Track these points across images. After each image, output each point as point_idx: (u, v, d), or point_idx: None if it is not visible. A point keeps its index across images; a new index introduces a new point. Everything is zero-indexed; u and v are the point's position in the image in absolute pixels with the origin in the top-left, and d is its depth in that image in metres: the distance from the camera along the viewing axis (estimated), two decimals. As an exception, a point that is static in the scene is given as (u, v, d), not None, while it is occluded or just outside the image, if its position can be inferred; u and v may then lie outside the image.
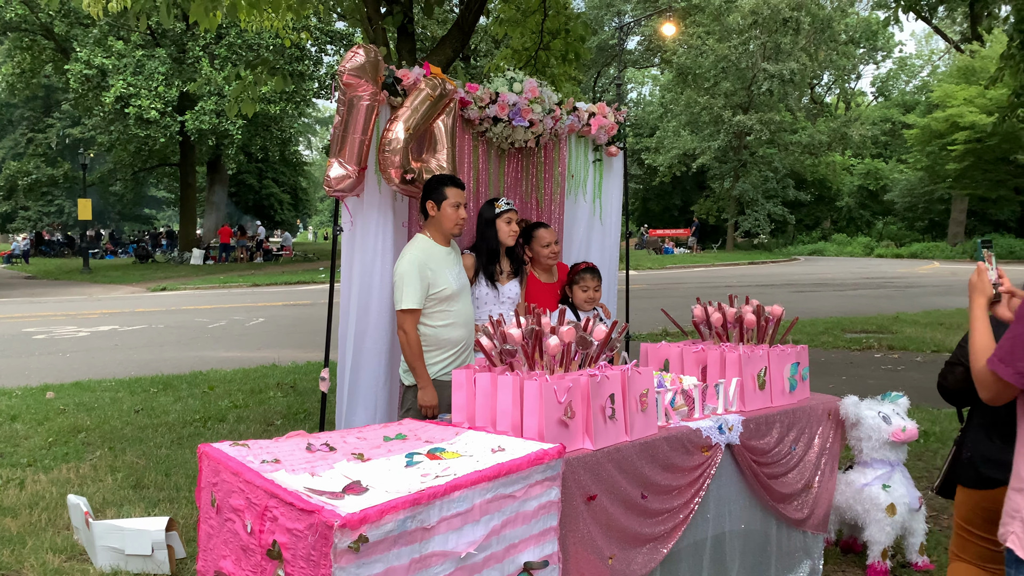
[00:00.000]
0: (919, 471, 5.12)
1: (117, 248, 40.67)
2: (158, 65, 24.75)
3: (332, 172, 3.53)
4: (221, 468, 2.44)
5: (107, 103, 24.42)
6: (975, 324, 2.14)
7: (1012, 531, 2.03)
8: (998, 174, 29.96)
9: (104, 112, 25.98)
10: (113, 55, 24.88)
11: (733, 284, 19.96)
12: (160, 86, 24.55)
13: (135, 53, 24.92)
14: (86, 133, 30.91)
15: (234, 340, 11.83)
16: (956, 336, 10.79)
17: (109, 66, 24.64)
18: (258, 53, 22.86)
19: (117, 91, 24.05)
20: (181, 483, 4.89)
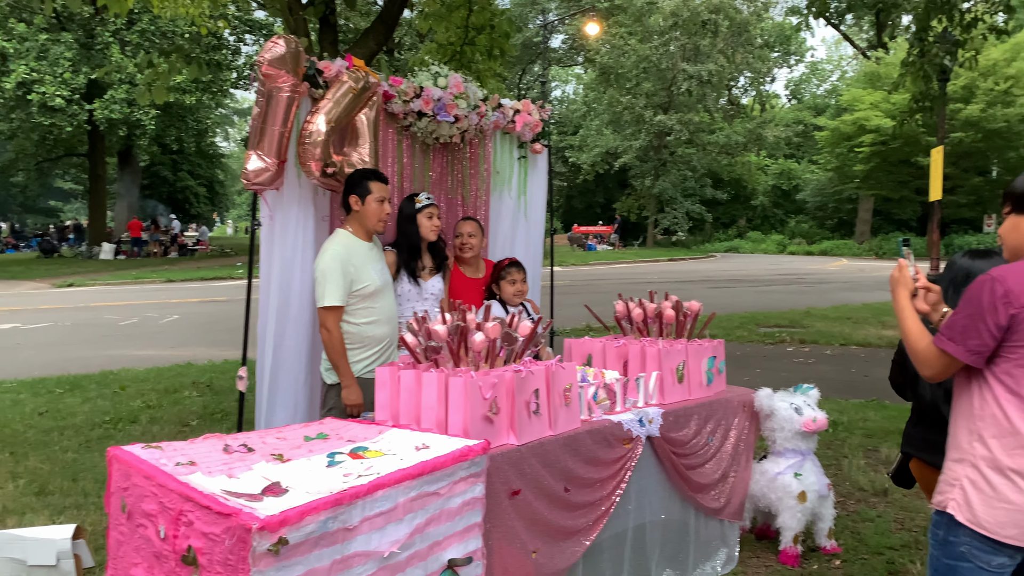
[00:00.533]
0: (828, 459, 5.34)
1: (19, 242, 38.55)
2: (64, 50, 23.55)
3: (250, 165, 3.44)
4: (132, 472, 2.35)
5: (7, 89, 23.09)
6: (904, 313, 2.31)
7: (952, 498, 2.18)
8: (901, 176, 31.48)
9: (4, 98, 24.57)
10: (14, 38, 23.53)
11: (653, 280, 20.38)
12: (66, 72, 23.37)
13: (39, 37, 23.63)
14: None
15: (147, 338, 11.39)
16: (863, 330, 11.31)
17: (10, 50, 23.29)
18: (172, 41, 22.03)
19: (19, 76, 22.77)
20: (89, 488, 4.67)
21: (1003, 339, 2.08)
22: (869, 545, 3.96)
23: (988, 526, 2.09)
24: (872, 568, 3.71)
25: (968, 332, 2.10)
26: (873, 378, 8.25)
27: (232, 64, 26.69)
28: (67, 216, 51.77)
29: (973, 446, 2.14)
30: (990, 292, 2.08)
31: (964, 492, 2.15)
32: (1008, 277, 2.09)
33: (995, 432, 2.10)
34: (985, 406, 2.13)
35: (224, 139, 53.73)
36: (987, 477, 2.11)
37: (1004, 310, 2.05)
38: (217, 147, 43.71)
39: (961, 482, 2.17)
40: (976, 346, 2.09)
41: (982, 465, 2.12)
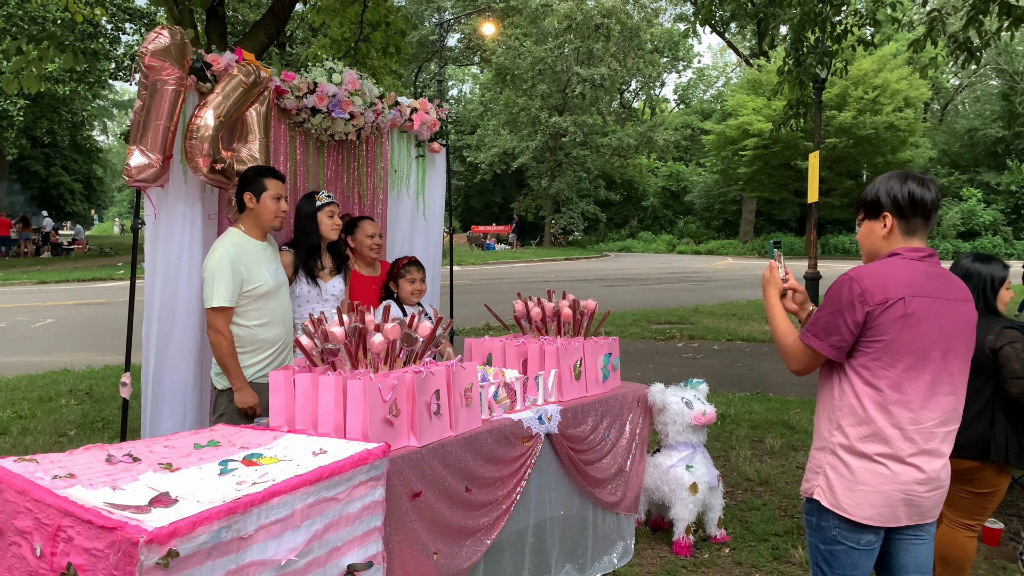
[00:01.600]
0: (717, 451, 5.57)
1: None
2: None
3: (133, 161, 3.27)
4: (3, 487, 2.19)
5: None
6: (773, 311, 2.48)
7: (816, 485, 2.34)
8: (781, 178, 33.19)
9: None
10: None
11: (551, 279, 20.67)
12: (-80, 57, 21.53)
13: None
14: None
15: (17, 344, 10.64)
16: (748, 325, 11.83)
17: None
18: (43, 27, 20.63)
19: None
20: (-48, 507, 4.32)
21: (860, 335, 2.22)
22: (755, 532, 4.16)
23: (849, 509, 2.25)
24: (759, 554, 3.90)
25: (830, 328, 2.24)
26: (757, 371, 8.66)
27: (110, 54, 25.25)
28: (-77, 213, 47.66)
29: (833, 434, 2.30)
30: (848, 291, 2.21)
31: (827, 478, 2.30)
32: (865, 277, 2.21)
33: (852, 420, 2.25)
34: (844, 396, 2.27)
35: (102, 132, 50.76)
36: (845, 462, 2.26)
37: (861, 308, 2.19)
38: (94, 141, 41.26)
39: (824, 469, 2.32)
40: (836, 341, 2.23)
41: (840, 451, 2.27)
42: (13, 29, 21.49)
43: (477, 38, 38.45)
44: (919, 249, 2.27)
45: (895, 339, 2.18)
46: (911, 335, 2.19)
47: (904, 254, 2.26)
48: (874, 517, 2.24)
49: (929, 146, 34.61)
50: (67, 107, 27.49)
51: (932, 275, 2.25)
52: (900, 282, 2.20)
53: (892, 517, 2.25)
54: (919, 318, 2.19)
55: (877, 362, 2.21)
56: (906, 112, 29.98)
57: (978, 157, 37.45)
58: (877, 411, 2.21)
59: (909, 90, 29.99)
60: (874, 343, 2.20)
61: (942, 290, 2.24)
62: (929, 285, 2.23)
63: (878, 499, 2.23)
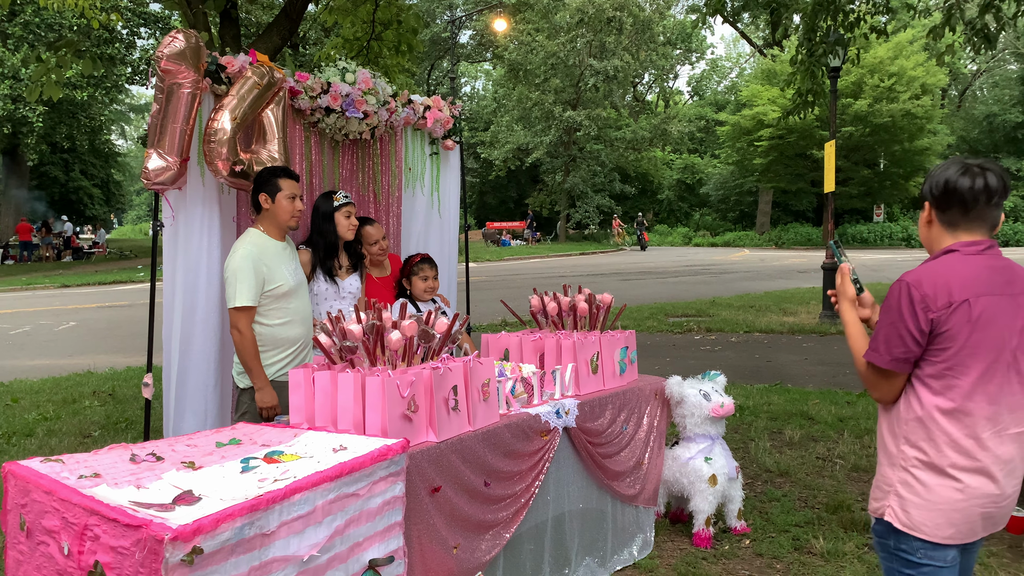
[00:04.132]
0: (736, 443, 5.56)
1: None
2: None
3: (151, 164, 3.31)
4: (31, 487, 2.23)
5: None
6: (849, 329, 2.28)
7: (888, 505, 2.17)
8: (797, 168, 32.91)
9: None
10: None
11: (566, 274, 20.66)
12: (-59, 66, 21.85)
13: (-92, 27, 22.01)
14: None
15: (41, 347, 10.79)
16: (766, 317, 11.77)
17: None
18: (60, 34, 20.85)
19: None
20: (-19, 508, 4.40)
21: (928, 344, 2.06)
22: (776, 524, 4.15)
23: (927, 530, 2.09)
24: (779, 545, 3.89)
25: (891, 341, 2.08)
26: (776, 363, 8.62)
27: (127, 59, 25.48)
28: (-54, 220, 48.30)
29: (902, 450, 2.14)
30: (908, 298, 2.05)
31: (900, 497, 2.14)
32: (924, 281, 2.05)
33: (923, 435, 2.10)
34: (911, 409, 2.11)
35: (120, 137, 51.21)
36: (920, 479, 2.10)
37: (924, 315, 2.03)
38: (113, 145, 41.64)
39: (895, 487, 2.16)
40: (901, 354, 2.08)
41: (914, 468, 2.12)
42: (31, 37, 21.74)
43: (489, 34, 38.44)
44: (977, 242, 2.09)
45: (964, 345, 2.03)
46: (981, 338, 2.03)
47: (961, 250, 2.08)
48: (953, 536, 2.09)
49: (947, 133, 34.19)
50: (85, 112, 27.74)
51: (995, 269, 2.08)
52: (963, 281, 2.03)
53: (971, 533, 2.11)
54: (988, 318, 2.03)
55: (949, 371, 2.05)
56: (923, 99, 29.63)
57: (997, 143, 36.96)
58: (950, 423, 2.06)
59: (926, 77, 29.64)
60: (942, 351, 2.04)
61: (1007, 284, 2.07)
62: (994, 281, 2.06)
63: (957, 517, 2.08)
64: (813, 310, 12.31)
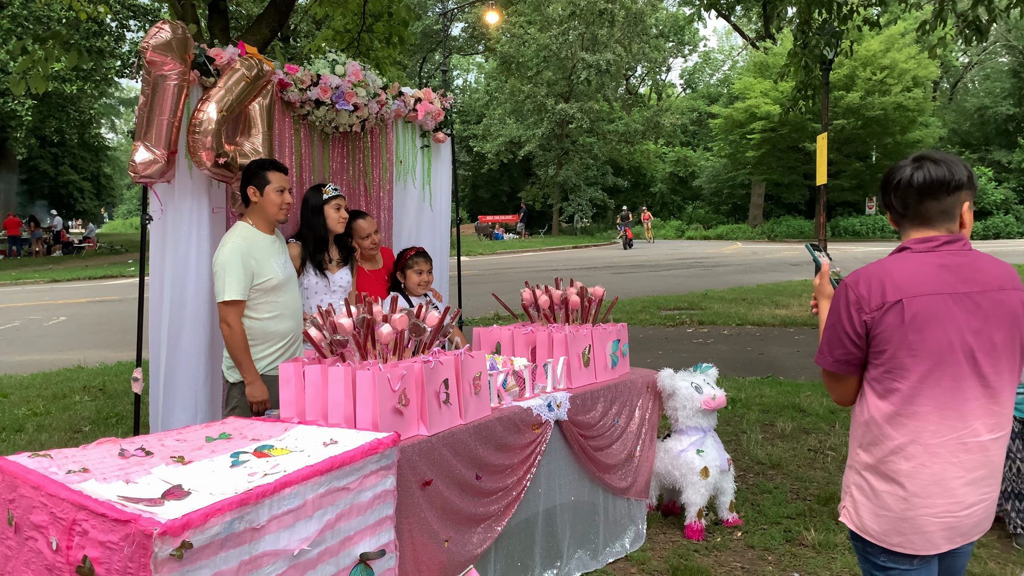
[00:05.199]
0: (728, 435, 5.57)
1: None
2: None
3: (138, 156, 3.28)
4: (18, 482, 2.22)
5: None
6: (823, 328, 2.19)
7: (844, 506, 2.15)
8: (789, 161, 32.99)
9: None
10: None
11: (559, 267, 20.66)
12: (-73, 59, 21.64)
13: None
14: None
15: (30, 342, 10.73)
16: (758, 310, 11.80)
17: None
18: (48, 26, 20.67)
19: None
20: (-29, 503, 4.37)
21: (868, 346, 2.01)
22: (768, 516, 4.16)
23: (875, 535, 2.05)
24: (771, 537, 3.90)
25: (832, 343, 2.05)
26: (768, 356, 8.64)
27: (116, 51, 25.30)
28: (-65, 214, 47.99)
29: (856, 452, 2.11)
30: (845, 299, 2.01)
31: (853, 499, 2.12)
32: (860, 281, 2.00)
33: (870, 438, 2.05)
34: (863, 412, 2.08)
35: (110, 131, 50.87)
36: (870, 483, 2.06)
37: (858, 316, 1.98)
38: (103, 139, 41.39)
39: (850, 489, 2.14)
40: (841, 355, 2.04)
41: (864, 472, 2.08)
42: (19, 29, 21.56)
43: (481, 27, 38.33)
44: (930, 239, 2.00)
45: (900, 347, 1.95)
46: (920, 339, 1.94)
47: (913, 247, 2.01)
48: (903, 544, 2.01)
49: (939, 125, 34.30)
50: (74, 106, 27.54)
51: (945, 267, 1.97)
52: (898, 281, 1.95)
53: (927, 544, 2.01)
54: (924, 320, 1.93)
55: (888, 374, 1.98)
56: (915, 92, 29.71)
57: (989, 135, 37.10)
58: (894, 428, 1.99)
59: (918, 69, 29.71)
60: (880, 354, 1.98)
61: (958, 283, 1.96)
62: (939, 279, 1.95)
63: (905, 526, 2.01)
64: (805, 303, 12.34)
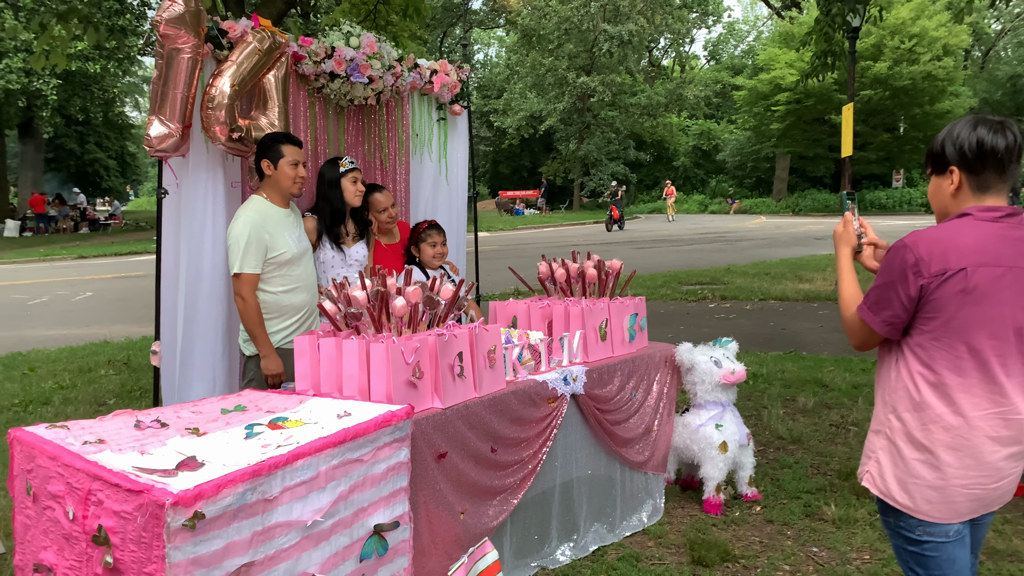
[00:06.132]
0: (749, 410, 5.52)
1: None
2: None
3: (153, 130, 3.28)
4: (36, 453, 2.24)
5: None
6: (842, 274, 2.19)
7: (867, 470, 2.12)
8: (815, 133, 32.44)
9: None
10: None
11: (580, 242, 20.56)
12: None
13: (-81, 1, 21.96)
14: None
15: (58, 317, 10.89)
16: (781, 284, 11.67)
17: None
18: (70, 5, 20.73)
19: (-100, 44, 21.20)
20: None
21: (917, 311, 1.97)
22: (787, 490, 4.13)
23: (902, 500, 2.04)
24: (790, 512, 3.87)
25: (881, 302, 2.00)
26: (790, 331, 8.55)
27: (138, 30, 25.34)
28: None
29: (888, 418, 2.08)
30: (902, 260, 1.94)
31: (879, 464, 2.10)
32: (921, 244, 1.93)
33: (907, 405, 2.02)
34: (900, 378, 2.04)
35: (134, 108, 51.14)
36: (900, 451, 2.04)
37: (915, 280, 1.92)
38: (127, 117, 41.67)
39: (876, 454, 2.11)
40: (889, 317, 1.99)
41: (896, 438, 2.05)
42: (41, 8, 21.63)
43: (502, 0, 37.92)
44: (995, 208, 1.94)
45: (954, 316, 1.91)
46: (974, 312, 1.90)
47: (975, 214, 1.94)
48: (929, 512, 2.01)
49: (970, 95, 33.49)
50: (98, 84, 27.69)
51: (1006, 239, 1.92)
52: (964, 249, 1.89)
53: (952, 513, 2.01)
54: (984, 291, 1.89)
55: (935, 342, 1.94)
56: (945, 60, 28.99)
57: (1021, 105, 36.22)
58: (936, 397, 1.97)
59: (948, 37, 28.97)
60: (931, 320, 1.94)
61: (1018, 256, 1.92)
62: (1003, 252, 1.90)
63: (933, 495, 2.00)
64: (829, 277, 12.18)
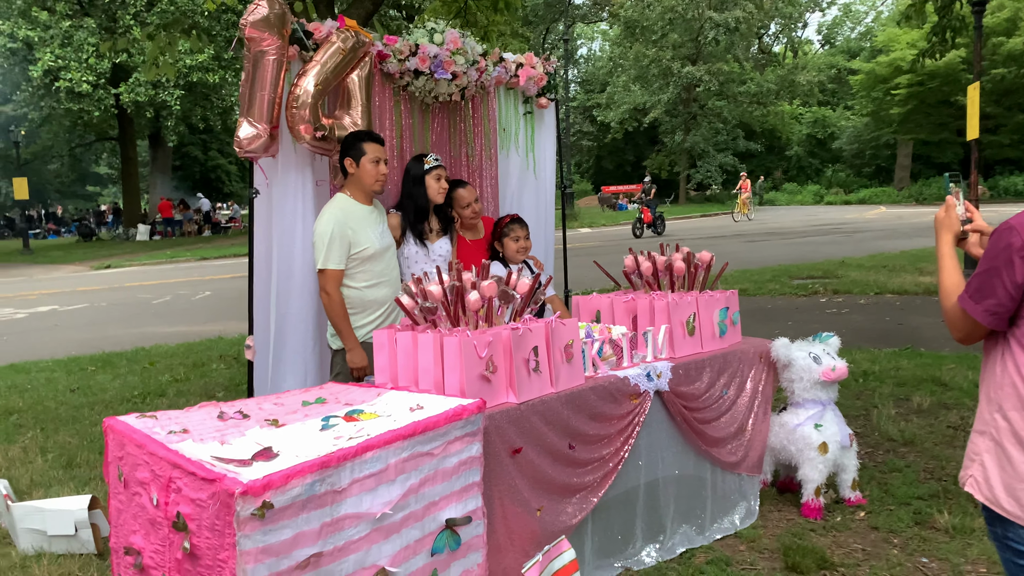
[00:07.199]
0: (857, 410, 5.22)
1: (60, 227, 39.44)
2: (87, 36, 23.72)
3: (242, 132, 3.38)
4: (126, 441, 2.35)
5: (35, 77, 23.42)
6: (943, 262, 2.04)
7: (971, 474, 1.97)
8: (940, 117, 30.46)
9: (33, 87, 24.92)
10: (38, 27, 23.78)
11: (685, 236, 20.09)
12: (91, 58, 23.56)
13: (62, 24, 23.84)
14: (18, 110, 29.65)
15: (179, 315, 11.57)
16: (899, 277, 11.00)
17: (35, 38, 23.56)
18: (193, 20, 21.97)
19: (45, 64, 23.05)
20: (116, 461, 4.76)
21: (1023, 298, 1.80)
22: (896, 496, 3.86)
23: (1008, 508, 1.87)
24: (898, 519, 3.61)
25: (984, 290, 1.83)
26: (908, 326, 8.04)
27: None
28: (105, 200, 52.72)
29: (994, 417, 1.91)
30: (1006, 244, 1.79)
31: (984, 468, 1.93)
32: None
33: (1015, 403, 1.86)
34: (1006, 374, 1.88)
35: (252, 116, 53.81)
36: (1007, 453, 1.87)
37: (1021, 265, 1.76)
38: (244, 124, 43.76)
39: (981, 457, 1.94)
40: (992, 306, 1.82)
41: (1003, 439, 1.88)
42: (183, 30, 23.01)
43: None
44: None
45: None
46: None
47: None
48: None
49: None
50: (216, 94, 29.18)
51: None
52: None
53: None
54: None
55: None
56: (1090, 33, 26.65)
57: None
58: None
59: (1094, 8, 26.63)
60: None
61: None
62: None
63: None
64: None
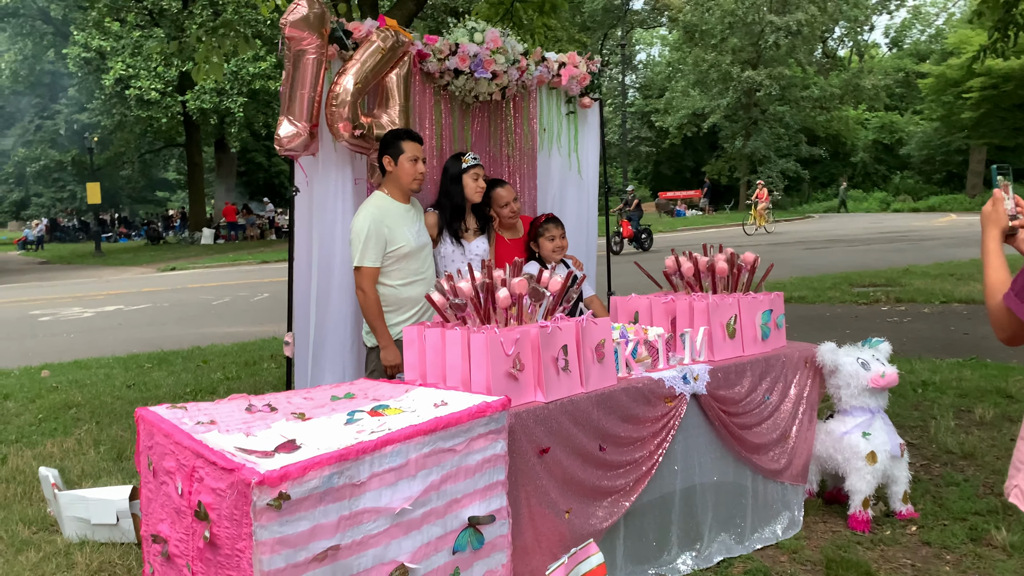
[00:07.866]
0: (915, 420, 5.01)
1: (130, 231, 40.93)
2: (156, 45, 24.60)
3: (282, 130, 3.43)
4: (155, 430, 2.39)
5: (107, 85, 24.39)
6: (988, 259, 1.93)
7: (1016, 484, 1.86)
8: (1016, 121, 29.25)
9: (105, 95, 25.95)
10: (111, 37, 24.76)
11: (744, 243, 19.71)
12: (159, 66, 24.42)
13: (133, 34, 24.79)
14: (93, 118, 30.93)
15: (237, 316, 11.84)
16: (967, 286, 10.56)
17: (107, 48, 24.55)
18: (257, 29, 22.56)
19: (116, 73, 23.99)
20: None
21: None
22: (951, 510, 3.67)
23: None
24: (952, 534, 3.43)
25: None
26: (974, 336, 7.71)
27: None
28: (174, 205, 54.49)
29: None
30: None
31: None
32: None
33: None
34: None
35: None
36: None
37: None
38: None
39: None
40: None
41: None
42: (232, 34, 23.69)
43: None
44: None
45: None
46: None
47: None
48: None
49: None
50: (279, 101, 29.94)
51: None
52: None
53: None
54: None
55: None
56: None
57: None
58: None
59: None
60: None
61: None
62: None
63: None
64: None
